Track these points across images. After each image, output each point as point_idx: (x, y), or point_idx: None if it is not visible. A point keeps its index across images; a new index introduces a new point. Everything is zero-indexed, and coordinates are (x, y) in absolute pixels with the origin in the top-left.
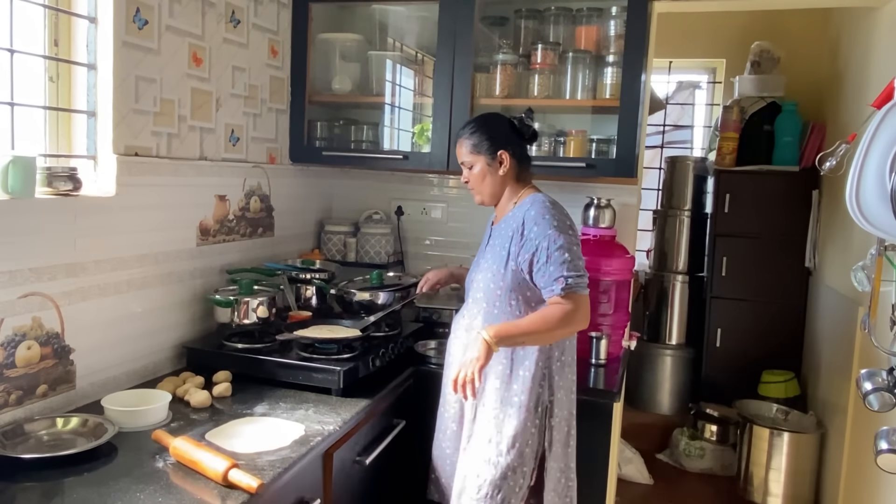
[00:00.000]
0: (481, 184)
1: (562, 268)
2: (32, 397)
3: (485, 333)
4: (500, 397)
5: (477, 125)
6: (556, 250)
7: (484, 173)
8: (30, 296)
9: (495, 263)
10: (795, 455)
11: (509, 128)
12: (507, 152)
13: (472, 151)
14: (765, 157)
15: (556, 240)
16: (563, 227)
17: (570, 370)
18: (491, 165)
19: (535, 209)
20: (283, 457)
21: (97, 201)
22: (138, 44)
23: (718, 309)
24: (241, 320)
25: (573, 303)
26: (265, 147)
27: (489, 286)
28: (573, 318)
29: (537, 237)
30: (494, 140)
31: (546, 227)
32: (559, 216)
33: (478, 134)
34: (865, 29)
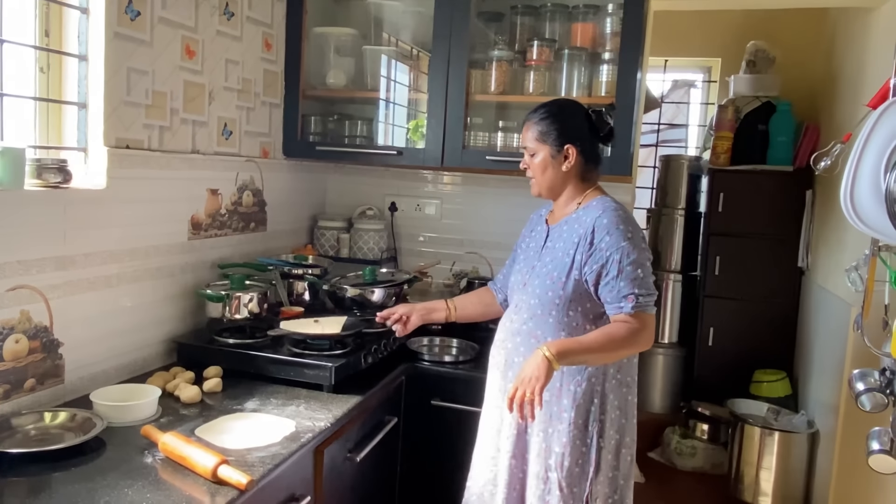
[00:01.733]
0: (541, 175)
1: (633, 284)
2: (20, 391)
3: (545, 350)
4: (550, 411)
5: (549, 111)
6: (629, 265)
7: (546, 164)
8: (18, 289)
9: (556, 270)
10: (786, 454)
11: (585, 120)
12: (576, 147)
13: (538, 139)
14: (759, 156)
15: (630, 253)
16: (637, 240)
17: (630, 391)
18: (555, 158)
19: (607, 217)
20: (273, 453)
21: (87, 194)
22: (130, 35)
23: (711, 308)
24: (233, 315)
25: (640, 322)
26: (258, 141)
27: (546, 294)
28: (639, 339)
29: (609, 248)
30: (564, 131)
31: (620, 239)
32: (633, 228)
33: (548, 121)
34: (861, 30)
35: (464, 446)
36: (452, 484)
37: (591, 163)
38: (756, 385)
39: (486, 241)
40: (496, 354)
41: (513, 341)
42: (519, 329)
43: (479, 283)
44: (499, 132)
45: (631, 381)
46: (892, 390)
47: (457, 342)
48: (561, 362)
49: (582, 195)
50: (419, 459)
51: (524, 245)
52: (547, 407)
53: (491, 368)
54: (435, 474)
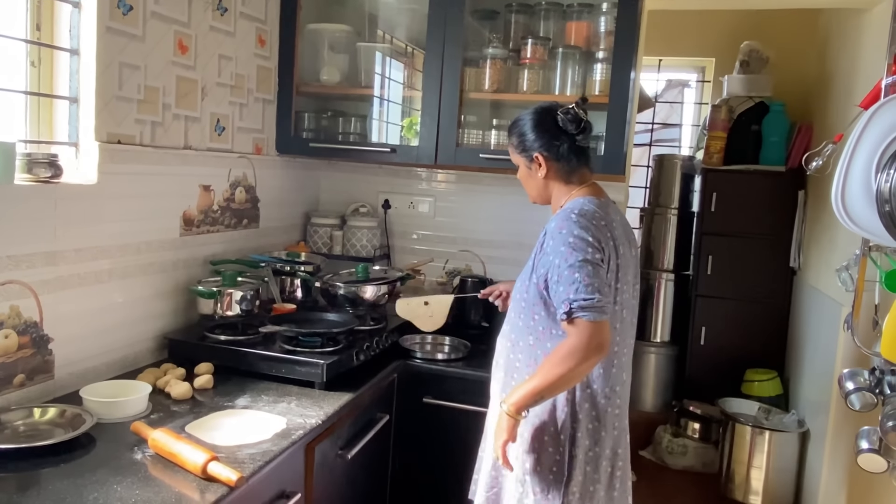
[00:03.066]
0: (526, 185)
1: (570, 289)
2: (9, 387)
3: (504, 406)
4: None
5: (515, 124)
6: (567, 269)
7: (525, 175)
8: (8, 284)
9: (525, 273)
10: (777, 453)
11: (552, 123)
12: (542, 155)
13: (514, 152)
14: (752, 156)
15: (568, 257)
16: (581, 242)
17: (610, 402)
18: (530, 168)
19: (556, 220)
20: (263, 450)
21: (78, 189)
22: (123, 30)
23: (703, 307)
24: (225, 312)
25: (577, 333)
26: (251, 137)
27: (516, 297)
28: (580, 352)
29: (551, 252)
30: (529, 141)
31: (559, 243)
32: (580, 229)
33: (514, 135)
34: (853, 31)
35: (456, 443)
36: (444, 481)
37: (568, 162)
38: (747, 384)
39: (480, 240)
40: (496, 357)
41: (501, 342)
42: (503, 330)
43: (472, 282)
44: (493, 130)
45: (610, 392)
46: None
47: (449, 340)
48: (521, 411)
49: (565, 197)
50: (411, 457)
51: None
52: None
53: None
54: (427, 471)
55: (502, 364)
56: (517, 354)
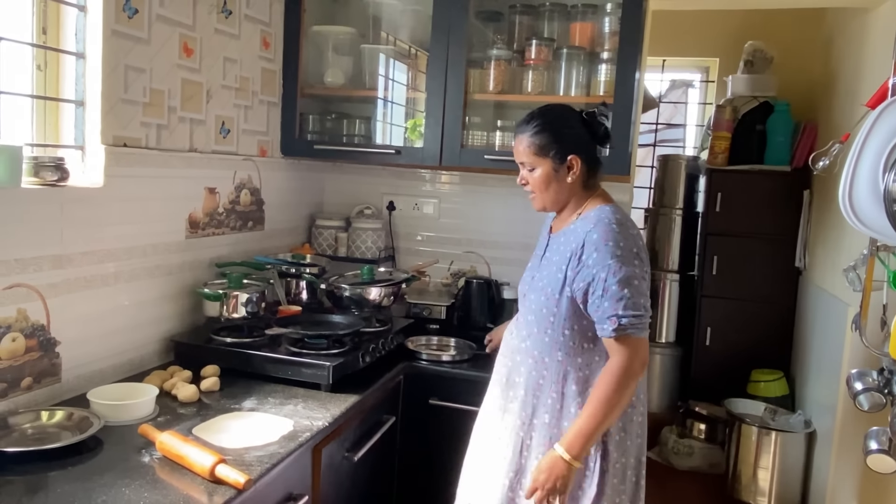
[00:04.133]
0: (544, 190)
1: (618, 305)
2: (17, 390)
3: (562, 452)
4: (550, 434)
5: (544, 122)
6: (615, 284)
7: (548, 179)
8: (15, 287)
9: (550, 286)
10: (783, 454)
11: (581, 126)
12: (580, 157)
13: (537, 153)
14: (756, 156)
15: (617, 272)
16: (628, 255)
17: (635, 410)
18: (558, 171)
19: (598, 231)
20: (271, 452)
21: (84, 192)
22: (128, 33)
23: (709, 308)
24: (230, 314)
25: (626, 352)
26: (256, 140)
27: (542, 310)
28: (630, 373)
29: (595, 265)
30: (565, 142)
31: (607, 256)
32: (625, 241)
33: (545, 133)
34: (858, 30)
35: (462, 445)
36: (450, 483)
37: (593, 169)
38: (753, 385)
39: (484, 241)
40: (499, 368)
41: (513, 359)
42: (518, 346)
43: (477, 283)
44: (497, 131)
45: (635, 401)
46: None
47: (455, 342)
48: (581, 458)
49: (582, 205)
50: (417, 458)
51: (536, 248)
52: (547, 430)
53: (493, 381)
54: (433, 473)
55: (522, 382)
56: (542, 371)
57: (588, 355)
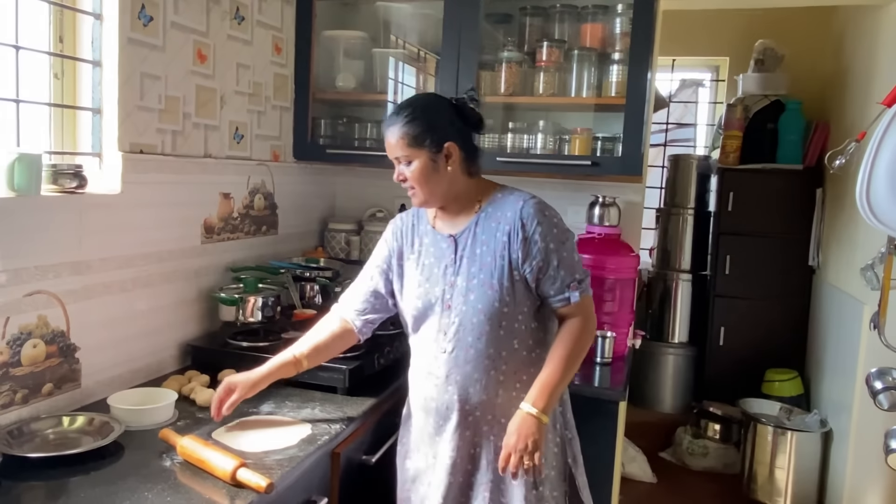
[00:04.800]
0: (424, 183)
1: (573, 270)
2: (38, 396)
3: (529, 408)
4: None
5: (415, 111)
6: (565, 251)
7: (426, 170)
8: (35, 294)
9: (494, 276)
10: (799, 454)
11: (454, 113)
12: (456, 143)
13: (412, 144)
14: (768, 155)
15: (563, 239)
16: (562, 222)
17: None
18: (436, 161)
19: (530, 206)
20: (290, 456)
21: (102, 199)
22: (143, 40)
23: (722, 307)
24: (246, 318)
25: (586, 311)
26: (269, 145)
27: (493, 305)
28: (591, 330)
29: (544, 238)
30: (438, 129)
31: (550, 227)
32: (553, 211)
33: (417, 122)
34: (869, 27)
35: None
36: None
37: (471, 156)
38: (768, 384)
39: None
40: (434, 395)
41: (461, 372)
42: (465, 357)
43: None
44: (508, 133)
45: None
46: None
47: None
48: (549, 411)
49: (479, 192)
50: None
51: (415, 262)
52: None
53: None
54: None
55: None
56: (501, 366)
57: (538, 334)
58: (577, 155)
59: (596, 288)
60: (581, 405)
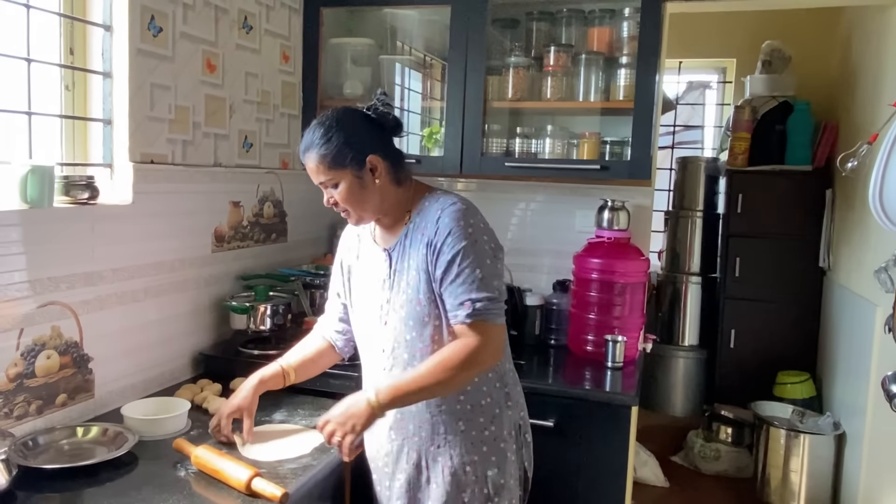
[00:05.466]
0: (355, 203)
1: (469, 289)
2: (52, 407)
3: (371, 395)
4: (470, 440)
5: (328, 130)
6: (467, 266)
7: (353, 190)
8: (49, 305)
9: (420, 292)
10: (813, 457)
11: (368, 123)
12: (378, 155)
13: (332, 166)
14: (777, 156)
15: (469, 253)
16: (479, 236)
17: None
18: (362, 178)
19: (447, 214)
20: (304, 465)
21: (114, 209)
22: (153, 51)
23: (732, 310)
24: (258, 326)
25: (480, 336)
26: (278, 153)
27: (422, 320)
28: (478, 358)
29: (449, 249)
30: (356, 144)
31: (459, 237)
32: (475, 221)
33: (333, 141)
34: (877, 27)
35: None
36: None
37: (397, 163)
38: (780, 387)
39: (505, 248)
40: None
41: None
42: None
43: None
44: (516, 138)
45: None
46: None
47: None
48: (387, 409)
49: (409, 201)
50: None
51: (358, 277)
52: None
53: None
54: None
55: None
56: None
57: None
58: (585, 159)
59: (606, 292)
60: (593, 410)
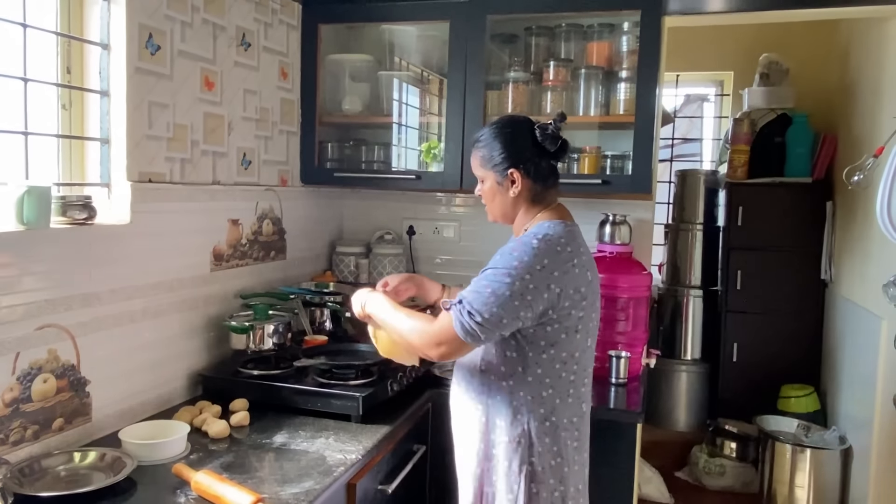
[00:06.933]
0: (491, 202)
1: (471, 294)
2: (49, 431)
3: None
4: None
5: (489, 135)
6: (485, 280)
7: (493, 191)
8: (45, 328)
9: None
10: (819, 472)
11: (530, 139)
12: (520, 171)
13: (482, 165)
14: (776, 169)
15: (497, 274)
16: (521, 269)
17: (570, 435)
18: (501, 184)
19: (519, 242)
20: (307, 489)
21: (112, 229)
22: (151, 69)
23: (734, 323)
24: (258, 346)
25: (436, 326)
26: (276, 170)
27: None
28: (418, 336)
29: (493, 263)
30: (507, 155)
31: (507, 262)
32: (531, 257)
33: (489, 146)
34: (875, 39)
35: None
36: None
37: (541, 183)
38: (784, 401)
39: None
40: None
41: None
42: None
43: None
44: None
45: (569, 425)
46: None
47: None
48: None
49: (531, 220)
50: (447, 487)
51: None
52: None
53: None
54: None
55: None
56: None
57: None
58: (586, 174)
59: (609, 307)
60: (598, 427)
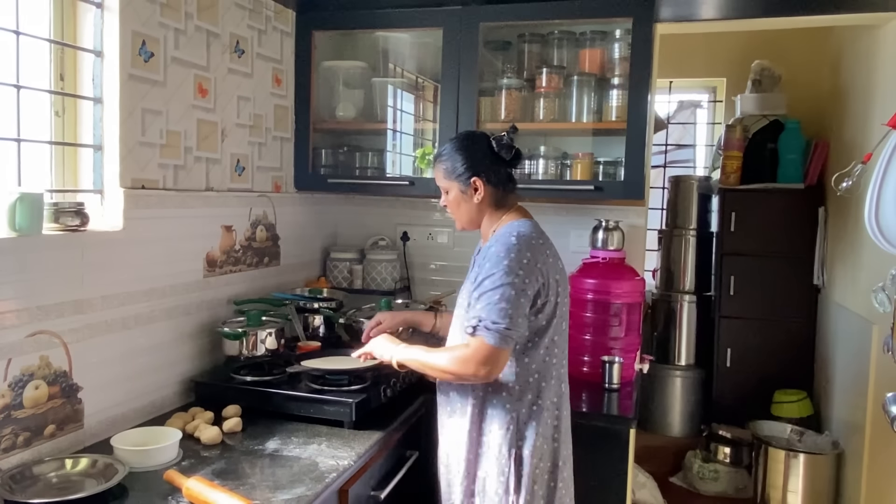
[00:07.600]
0: (457, 210)
1: (485, 310)
2: (40, 438)
3: (398, 355)
4: (471, 439)
5: (450, 149)
6: (491, 289)
7: (458, 200)
8: (37, 334)
9: (466, 300)
10: (812, 476)
11: (488, 150)
12: (482, 179)
13: (446, 177)
14: (769, 175)
15: (498, 280)
16: (514, 267)
17: (550, 414)
18: (465, 192)
19: (498, 244)
20: (298, 495)
21: (104, 236)
22: (144, 76)
23: (727, 328)
24: (251, 352)
25: (472, 350)
26: (270, 176)
27: (465, 327)
28: (462, 364)
29: (485, 274)
30: (468, 165)
31: (496, 265)
32: (517, 252)
33: (451, 159)
34: (867, 46)
35: None
36: None
37: (501, 188)
38: (777, 406)
39: None
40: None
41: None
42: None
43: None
44: None
45: (551, 405)
46: None
47: None
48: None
49: (497, 222)
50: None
51: None
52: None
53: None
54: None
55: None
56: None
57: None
58: (579, 180)
59: (601, 313)
60: (590, 433)
